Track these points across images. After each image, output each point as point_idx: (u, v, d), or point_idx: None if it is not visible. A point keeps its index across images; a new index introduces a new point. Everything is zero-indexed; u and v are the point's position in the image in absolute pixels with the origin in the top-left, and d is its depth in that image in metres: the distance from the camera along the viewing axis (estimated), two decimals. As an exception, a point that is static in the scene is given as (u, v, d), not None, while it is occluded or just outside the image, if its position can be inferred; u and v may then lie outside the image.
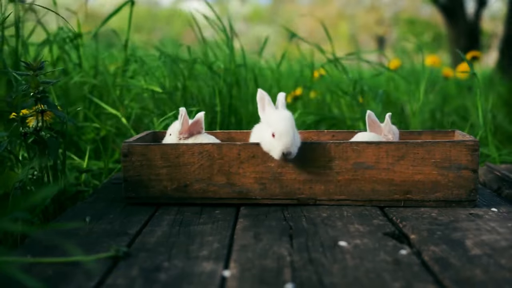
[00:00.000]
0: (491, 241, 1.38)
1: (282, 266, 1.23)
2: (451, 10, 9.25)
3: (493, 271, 1.18)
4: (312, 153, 1.74)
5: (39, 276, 1.17)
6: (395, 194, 1.74)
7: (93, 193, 1.98)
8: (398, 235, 1.46)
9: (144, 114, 2.97)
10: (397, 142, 1.72)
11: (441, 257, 1.27)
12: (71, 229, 1.51)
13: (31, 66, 1.76)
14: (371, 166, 1.73)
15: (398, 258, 1.27)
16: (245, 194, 1.77)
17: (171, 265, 1.24)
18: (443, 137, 2.06)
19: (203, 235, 1.46)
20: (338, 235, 1.45)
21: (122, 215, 1.68)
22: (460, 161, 1.70)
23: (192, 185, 1.78)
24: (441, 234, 1.44)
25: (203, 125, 1.98)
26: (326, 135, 2.17)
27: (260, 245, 1.38)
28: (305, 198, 1.76)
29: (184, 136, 1.94)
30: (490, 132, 2.69)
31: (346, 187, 1.75)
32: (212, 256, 1.30)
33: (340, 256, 1.29)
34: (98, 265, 1.23)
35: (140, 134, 2.02)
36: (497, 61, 7.88)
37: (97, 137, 2.57)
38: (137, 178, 1.78)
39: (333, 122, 3.30)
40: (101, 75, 2.96)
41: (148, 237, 1.45)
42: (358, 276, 1.17)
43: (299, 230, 1.50)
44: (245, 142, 1.76)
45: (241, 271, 1.20)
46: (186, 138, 1.94)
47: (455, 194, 1.72)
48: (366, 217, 1.62)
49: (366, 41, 23.39)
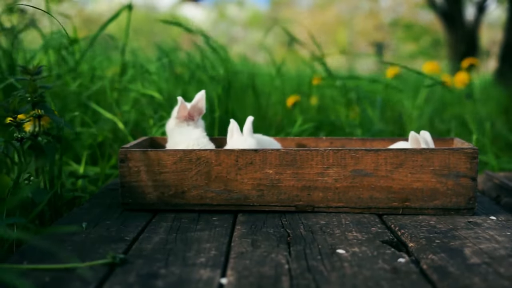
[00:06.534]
0: (490, 250, 1.38)
1: (280, 273, 1.22)
2: (450, 16, 9.28)
3: (492, 280, 1.17)
4: (310, 160, 1.73)
5: (36, 283, 1.16)
6: (393, 202, 1.73)
7: (89, 199, 1.97)
8: (397, 243, 1.46)
9: (141, 120, 2.96)
10: (396, 149, 1.72)
11: (439, 266, 1.27)
12: (67, 235, 1.50)
13: (28, 70, 1.75)
14: (369, 173, 1.72)
15: (396, 267, 1.27)
16: (242, 201, 1.76)
17: (168, 272, 1.23)
18: (442, 145, 2.06)
19: (200, 242, 1.45)
20: (336, 243, 1.44)
21: (119, 221, 1.67)
22: (459, 169, 1.70)
23: (190, 191, 1.77)
24: (440, 242, 1.44)
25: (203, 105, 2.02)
26: (325, 141, 2.16)
27: (258, 253, 1.37)
28: (303, 205, 1.76)
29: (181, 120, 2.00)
30: (489, 139, 2.69)
31: (344, 195, 1.74)
32: (209, 263, 1.29)
33: (338, 264, 1.28)
34: (95, 272, 1.22)
35: (138, 140, 2.01)
36: (496, 68, 7.88)
37: (94, 143, 2.56)
38: (134, 184, 1.78)
39: (331, 129, 3.29)
40: (99, 79, 2.95)
41: (145, 243, 1.44)
42: (356, 284, 1.16)
43: (297, 238, 1.49)
44: (243, 149, 1.75)
45: (239, 279, 1.19)
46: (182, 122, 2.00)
47: (453, 202, 1.72)
48: (364, 225, 1.62)
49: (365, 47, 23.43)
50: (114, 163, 2.61)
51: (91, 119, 2.71)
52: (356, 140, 2.15)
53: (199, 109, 2.01)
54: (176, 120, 2.01)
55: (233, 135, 1.95)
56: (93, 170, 2.54)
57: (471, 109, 3.94)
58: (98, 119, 2.79)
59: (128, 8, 2.86)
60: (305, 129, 3.03)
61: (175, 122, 2.01)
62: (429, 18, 17.79)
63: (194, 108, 2.00)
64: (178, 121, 2.01)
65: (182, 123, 2.00)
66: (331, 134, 3.21)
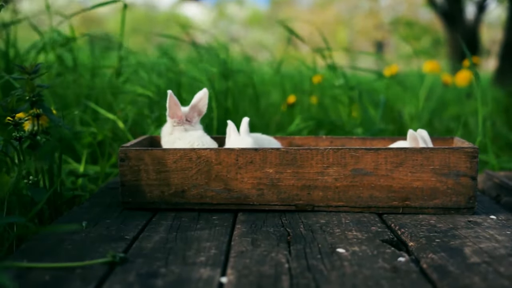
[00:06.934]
0: (490, 249, 1.37)
1: (280, 273, 1.22)
2: (451, 15, 9.28)
3: (492, 279, 1.17)
4: (310, 159, 1.73)
5: (36, 281, 1.16)
6: (393, 201, 1.73)
7: (89, 198, 1.97)
8: (397, 242, 1.46)
9: (141, 118, 2.96)
10: (396, 149, 1.71)
11: (439, 265, 1.27)
12: (67, 234, 1.50)
13: (26, 69, 1.75)
14: (369, 173, 1.72)
15: (396, 266, 1.27)
16: (242, 200, 1.76)
17: (168, 271, 1.23)
18: (442, 144, 2.06)
19: (200, 241, 1.45)
20: (336, 242, 1.44)
21: (119, 220, 1.67)
22: (459, 168, 1.70)
23: (190, 190, 1.77)
24: (440, 242, 1.44)
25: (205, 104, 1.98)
26: (325, 141, 2.16)
27: (258, 252, 1.37)
28: (303, 204, 1.76)
29: (178, 121, 1.94)
30: (489, 139, 2.69)
31: (344, 194, 1.74)
32: (209, 262, 1.29)
33: (338, 263, 1.28)
34: (95, 271, 1.22)
35: (137, 138, 2.01)
36: (496, 67, 7.89)
37: (94, 142, 2.56)
38: (134, 183, 1.78)
39: (331, 128, 3.29)
40: (97, 78, 2.95)
41: (145, 242, 1.44)
42: (356, 283, 1.16)
43: (297, 237, 1.49)
44: (243, 148, 1.75)
45: (238, 278, 1.19)
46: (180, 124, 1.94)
47: (453, 201, 1.72)
48: (364, 224, 1.62)
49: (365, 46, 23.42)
50: (114, 162, 2.61)
51: (91, 118, 2.71)
52: (356, 139, 2.15)
53: (199, 110, 1.98)
54: (171, 123, 1.96)
55: (231, 136, 1.95)
56: (93, 169, 2.54)
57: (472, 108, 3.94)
58: (97, 117, 2.79)
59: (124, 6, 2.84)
60: (304, 128, 3.03)
61: (171, 126, 1.96)
62: (429, 17, 17.80)
63: (194, 109, 1.97)
64: (173, 124, 1.95)
65: (179, 127, 1.95)
66: (331, 133, 3.21)
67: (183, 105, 1.97)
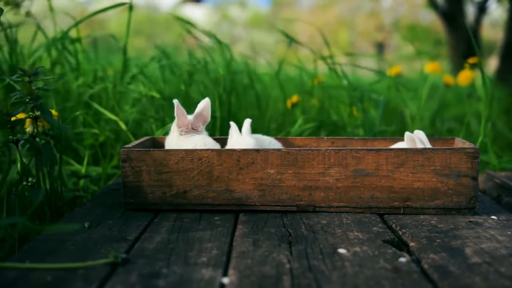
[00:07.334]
0: (491, 249, 1.38)
1: (281, 273, 1.22)
2: (451, 16, 9.28)
3: (493, 279, 1.18)
4: (312, 160, 1.73)
5: (38, 282, 1.16)
6: (394, 201, 1.73)
7: (91, 199, 1.98)
8: (398, 243, 1.46)
9: (143, 119, 2.96)
10: (397, 149, 1.72)
11: (440, 265, 1.27)
12: (69, 235, 1.51)
13: (26, 72, 1.75)
14: (370, 173, 1.72)
15: (397, 266, 1.27)
16: (244, 201, 1.77)
17: (170, 271, 1.23)
18: (443, 144, 2.06)
19: (202, 242, 1.46)
20: (337, 242, 1.44)
21: (121, 221, 1.67)
22: (460, 168, 1.70)
23: (191, 191, 1.77)
24: (441, 242, 1.44)
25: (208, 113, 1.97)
26: (326, 141, 2.16)
27: (259, 252, 1.37)
28: (304, 205, 1.76)
29: (185, 130, 1.94)
30: (490, 139, 2.69)
31: (346, 194, 1.74)
32: (211, 263, 1.29)
33: (339, 263, 1.29)
34: (97, 271, 1.23)
35: (139, 140, 2.02)
36: (497, 68, 7.89)
37: (95, 143, 2.57)
38: (136, 184, 1.78)
39: (332, 129, 3.29)
40: (100, 80, 2.95)
41: (147, 243, 1.45)
42: (357, 283, 1.16)
43: (298, 237, 1.49)
44: (245, 149, 1.76)
45: (240, 278, 1.19)
46: (187, 133, 1.94)
47: (454, 202, 1.72)
48: (365, 224, 1.62)
49: (366, 47, 23.43)
50: (116, 163, 2.61)
51: (93, 119, 2.71)
52: (358, 140, 2.15)
53: (203, 118, 1.97)
54: (177, 132, 1.95)
55: (233, 136, 1.95)
56: (95, 170, 2.54)
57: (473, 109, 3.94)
58: (99, 119, 2.79)
59: (129, 7, 2.84)
60: (306, 129, 3.03)
61: (177, 135, 1.95)
62: (430, 18, 17.79)
63: (199, 118, 1.96)
64: (180, 132, 1.95)
65: (184, 135, 1.94)
66: (333, 134, 3.21)
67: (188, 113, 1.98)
